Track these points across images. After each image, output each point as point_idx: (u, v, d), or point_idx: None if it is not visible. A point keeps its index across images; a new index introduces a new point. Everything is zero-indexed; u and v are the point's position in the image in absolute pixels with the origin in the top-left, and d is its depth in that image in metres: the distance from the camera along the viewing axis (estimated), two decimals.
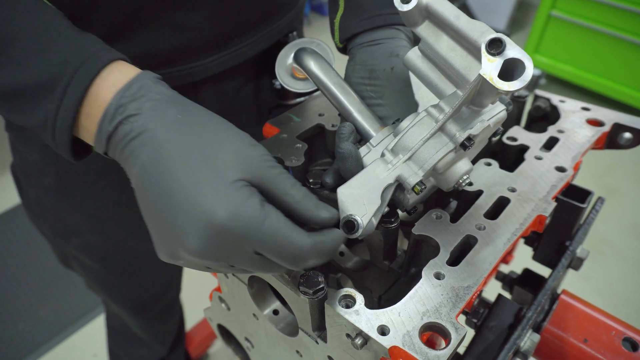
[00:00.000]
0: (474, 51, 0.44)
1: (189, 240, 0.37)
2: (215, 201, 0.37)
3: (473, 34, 0.43)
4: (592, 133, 0.64)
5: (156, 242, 0.42)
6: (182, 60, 0.69)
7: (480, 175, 0.57)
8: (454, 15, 0.45)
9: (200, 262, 0.40)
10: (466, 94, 0.43)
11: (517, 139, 0.63)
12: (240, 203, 0.37)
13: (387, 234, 0.52)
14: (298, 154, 0.61)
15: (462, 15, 0.45)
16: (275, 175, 0.41)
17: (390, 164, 0.47)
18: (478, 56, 0.44)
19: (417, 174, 0.46)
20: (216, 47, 0.69)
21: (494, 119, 0.47)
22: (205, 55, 0.71)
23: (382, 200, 0.47)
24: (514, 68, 0.41)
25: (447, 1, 0.47)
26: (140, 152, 0.39)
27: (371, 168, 0.48)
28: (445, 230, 0.49)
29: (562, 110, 0.69)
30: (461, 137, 0.45)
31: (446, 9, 0.46)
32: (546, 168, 0.57)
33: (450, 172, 0.48)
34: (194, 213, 0.37)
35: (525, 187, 0.54)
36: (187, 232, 0.37)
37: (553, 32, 2.67)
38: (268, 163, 0.41)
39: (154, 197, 0.39)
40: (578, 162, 0.58)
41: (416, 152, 0.47)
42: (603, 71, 2.60)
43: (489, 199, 0.53)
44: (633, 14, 2.34)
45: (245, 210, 0.37)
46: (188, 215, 0.37)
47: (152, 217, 0.40)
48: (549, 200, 0.52)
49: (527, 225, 0.49)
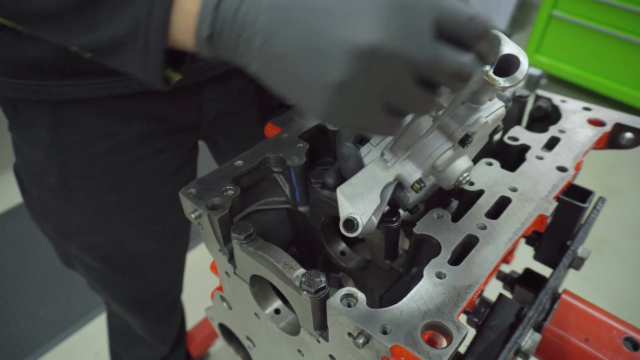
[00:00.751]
0: None
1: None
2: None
3: None
4: (594, 133, 0.64)
5: (304, 95, 0.37)
6: None
7: (481, 175, 0.57)
8: None
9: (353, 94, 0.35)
10: (463, 91, 0.43)
11: (519, 138, 0.63)
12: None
13: (389, 233, 0.52)
14: (299, 153, 0.61)
15: None
16: None
17: (389, 162, 0.48)
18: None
19: (416, 172, 0.46)
20: None
21: (493, 116, 0.47)
22: None
23: (382, 199, 0.47)
24: (510, 64, 0.41)
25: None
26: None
27: (370, 167, 0.48)
28: (447, 229, 0.49)
29: (564, 110, 0.69)
30: (459, 135, 0.45)
31: None
32: (547, 168, 0.57)
33: (450, 170, 0.48)
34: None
35: (527, 187, 0.54)
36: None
37: (554, 32, 2.67)
38: None
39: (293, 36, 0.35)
40: (579, 162, 0.59)
41: (415, 151, 0.47)
42: (604, 71, 2.59)
43: (490, 198, 0.53)
44: (634, 13, 2.33)
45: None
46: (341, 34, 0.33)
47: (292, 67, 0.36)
48: (550, 200, 0.52)
49: (528, 224, 0.49)
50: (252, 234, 0.51)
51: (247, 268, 0.53)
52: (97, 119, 0.70)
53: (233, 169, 0.59)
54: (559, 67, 2.73)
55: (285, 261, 0.47)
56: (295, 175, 0.61)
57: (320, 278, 0.44)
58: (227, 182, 0.57)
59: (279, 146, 0.63)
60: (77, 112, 0.69)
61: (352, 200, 0.46)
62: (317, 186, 0.58)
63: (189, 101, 0.77)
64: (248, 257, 0.50)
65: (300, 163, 0.59)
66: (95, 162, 0.75)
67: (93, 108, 0.69)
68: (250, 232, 0.51)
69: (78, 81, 0.65)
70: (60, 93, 0.65)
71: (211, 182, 0.57)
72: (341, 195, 0.47)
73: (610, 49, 2.51)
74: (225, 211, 0.53)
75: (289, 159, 0.60)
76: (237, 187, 0.56)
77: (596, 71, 2.63)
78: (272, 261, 0.47)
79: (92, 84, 0.66)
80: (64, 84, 0.65)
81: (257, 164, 0.60)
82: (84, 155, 0.73)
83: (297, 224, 0.67)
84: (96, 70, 0.64)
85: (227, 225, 0.54)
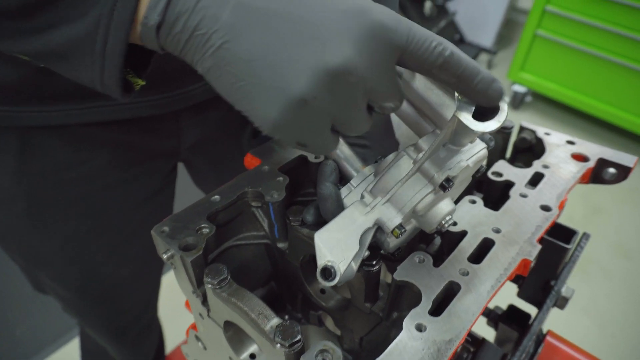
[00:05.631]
0: (449, 90, 0.44)
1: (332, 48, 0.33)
2: None
3: None
4: (577, 169, 0.63)
5: (262, 97, 0.35)
6: (164, 87, 0.67)
7: (464, 214, 0.55)
8: None
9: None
10: (442, 135, 0.42)
11: (502, 174, 0.62)
12: None
13: (369, 277, 0.50)
14: (279, 187, 0.59)
15: None
16: None
17: (369, 206, 0.46)
18: (453, 95, 0.43)
19: (396, 217, 0.45)
20: (199, 75, 0.67)
21: (474, 158, 0.46)
22: (188, 82, 0.70)
23: (361, 244, 0.45)
24: (489, 108, 0.40)
25: None
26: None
27: (349, 211, 0.46)
28: (428, 275, 0.47)
29: (547, 144, 0.68)
30: (439, 179, 0.44)
31: None
32: (531, 207, 0.56)
33: (432, 214, 0.47)
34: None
35: (510, 228, 0.53)
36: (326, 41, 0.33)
37: (538, 50, 2.70)
38: None
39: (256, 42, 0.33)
40: (563, 200, 0.58)
41: (395, 194, 0.45)
42: (587, 90, 2.63)
43: (473, 240, 0.52)
44: (616, 35, 2.38)
45: None
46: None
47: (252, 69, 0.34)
48: (533, 243, 0.51)
49: (511, 270, 0.48)
50: (225, 278, 0.49)
51: (220, 313, 0.51)
52: (68, 146, 0.68)
53: (209, 205, 0.57)
54: (543, 84, 2.77)
55: (260, 310, 0.45)
56: (273, 211, 0.59)
57: (296, 329, 0.42)
58: (202, 219, 0.55)
59: (258, 179, 0.61)
60: (46, 139, 0.66)
61: (329, 247, 0.44)
62: (295, 224, 0.56)
63: (167, 129, 0.75)
64: (221, 303, 0.48)
65: (279, 199, 0.57)
66: (66, 189, 0.72)
67: (63, 135, 0.66)
68: (224, 276, 0.48)
69: (47, 107, 0.62)
70: (28, 119, 0.63)
71: (186, 219, 0.55)
72: (319, 242, 0.45)
73: (593, 69, 2.55)
74: (199, 252, 0.50)
75: (267, 194, 0.58)
76: (213, 225, 0.54)
77: (579, 89, 2.66)
78: (245, 309, 0.45)
79: (61, 110, 0.63)
80: (32, 109, 0.62)
81: (235, 199, 0.58)
82: (54, 183, 0.70)
83: (276, 260, 0.65)
84: (67, 96, 0.62)
85: (201, 267, 0.51)
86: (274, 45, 0.33)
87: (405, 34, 0.34)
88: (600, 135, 2.72)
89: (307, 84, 0.32)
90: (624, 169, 0.64)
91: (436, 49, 0.35)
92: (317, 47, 0.32)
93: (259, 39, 0.33)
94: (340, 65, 0.32)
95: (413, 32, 0.35)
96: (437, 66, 0.35)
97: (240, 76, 0.35)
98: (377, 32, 0.33)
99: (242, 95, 0.36)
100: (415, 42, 0.35)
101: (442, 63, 0.35)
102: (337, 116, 0.36)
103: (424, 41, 0.35)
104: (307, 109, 0.34)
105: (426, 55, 0.35)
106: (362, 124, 0.38)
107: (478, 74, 0.36)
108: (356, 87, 0.34)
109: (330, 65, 0.32)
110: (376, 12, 0.34)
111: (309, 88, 0.33)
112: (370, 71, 0.34)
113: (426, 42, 0.35)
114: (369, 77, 0.34)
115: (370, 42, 0.33)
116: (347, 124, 0.37)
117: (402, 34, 0.34)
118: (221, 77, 0.36)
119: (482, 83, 0.37)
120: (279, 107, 0.34)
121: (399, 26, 0.34)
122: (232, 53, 0.34)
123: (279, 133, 0.36)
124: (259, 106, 0.35)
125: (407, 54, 0.35)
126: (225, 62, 0.35)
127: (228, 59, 0.34)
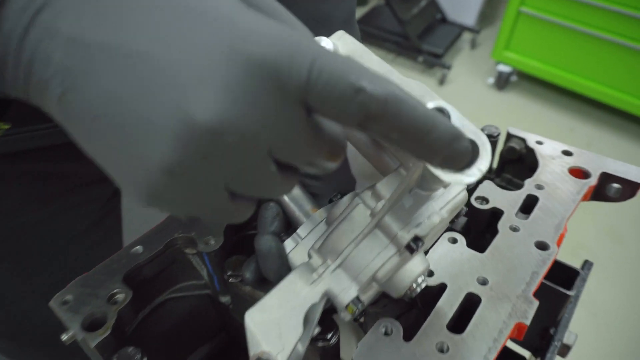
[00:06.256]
0: None
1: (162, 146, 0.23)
2: None
3: None
4: (577, 189, 0.52)
5: (123, 178, 0.27)
6: None
7: (442, 258, 0.45)
8: None
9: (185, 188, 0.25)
10: (406, 182, 0.31)
11: (489, 199, 0.52)
12: None
13: (324, 353, 0.40)
14: (217, 231, 0.48)
15: (393, 72, 0.33)
16: None
17: (315, 272, 0.35)
18: None
19: (350, 289, 0.34)
20: None
21: (450, 206, 0.35)
22: None
23: (307, 324, 0.35)
24: None
25: None
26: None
27: (290, 281, 0.36)
28: (397, 353, 0.37)
29: (540, 156, 0.58)
30: (405, 238, 0.33)
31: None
32: (524, 244, 0.46)
33: (398, 278, 0.36)
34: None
35: (500, 276, 0.43)
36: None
37: (523, 28, 2.59)
38: None
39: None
40: (562, 233, 0.47)
41: (348, 258, 0.35)
42: (575, 68, 2.54)
43: (454, 297, 0.41)
44: (603, 10, 2.27)
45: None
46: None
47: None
48: (529, 298, 0.41)
49: (502, 340, 0.38)
50: None
51: None
52: None
53: (129, 259, 0.46)
54: (528, 63, 2.66)
55: None
56: (210, 262, 0.48)
57: None
58: (116, 282, 0.44)
59: (193, 219, 0.49)
60: None
61: (264, 332, 0.34)
62: (234, 280, 0.45)
63: None
64: None
65: (215, 247, 0.46)
66: None
67: None
68: None
69: None
70: None
71: (96, 281, 0.44)
72: (250, 325, 0.34)
73: (580, 46, 2.45)
74: (107, 332, 0.39)
75: (201, 242, 0.47)
76: (129, 290, 0.43)
77: (566, 68, 2.57)
78: None
79: None
80: None
81: (162, 249, 0.47)
82: None
83: (221, 313, 0.54)
84: None
85: (111, 350, 0.40)
86: (120, 98, 0.23)
87: (306, 70, 0.23)
88: (591, 114, 2.63)
89: (168, 151, 0.23)
90: (631, 185, 0.54)
91: (360, 92, 0.23)
92: (177, 99, 0.22)
93: (102, 88, 0.23)
94: (208, 122, 0.22)
95: (319, 67, 0.23)
96: (363, 117, 0.24)
97: (92, 136, 0.24)
98: (257, 72, 0.23)
99: (102, 159, 0.25)
100: (322, 81, 0.23)
101: (368, 113, 0.24)
102: (229, 183, 0.26)
103: (337, 80, 0.23)
104: (181, 178, 0.24)
105: (342, 102, 0.23)
106: (274, 187, 0.28)
107: (433, 128, 0.24)
108: (241, 147, 0.24)
109: (197, 124, 0.22)
110: (259, 43, 0.23)
111: (172, 157, 0.23)
112: (258, 125, 0.24)
113: (340, 81, 0.23)
114: (259, 133, 0.24)
115: (248, 86, 0.23)
116: (249, 191, 0.27)
117: (300, 69, 0.23)
118: (77, 135, 0.26)
119: (439, 142, 0.25)
120: (142, 179, 0.24)
121: (294, 59, 0.23)
122: (75, 107, 0.24)
123: (160, 207, 0.27)
124: (119, 176, 0.26)
125: (312, 99, 0.24)
126: (71, 118, 0.25)
127: (73, 115, 0.24)
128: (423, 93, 0.30)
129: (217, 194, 0.26)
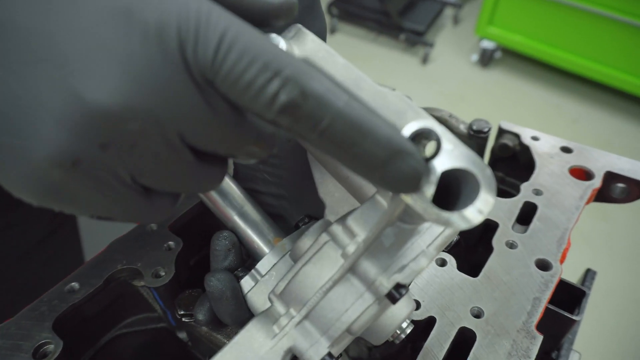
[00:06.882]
0: None
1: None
2: None
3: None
4: (580, 193, 0.46)
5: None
6: None
7: (429, 285, 0.39)
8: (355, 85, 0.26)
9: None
10: (385, 217, 0.25)
11: None
12: None
13: None
14: (168, 260, 0.41)
15: (365, 79, 0.26)
16: None
17: (276, 325, 0.29)
18: None
19: (319, 345, 0.28)
20: None
21: (440, 240, 0.29)
22: None
23: None
24: (458, 184, 0.23)
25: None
26: None
27: (247, 334, 0.29)
28: None
29: (537, 154, 0.51)
30: (384, 287, 0.27)
31: None
32: (523, 264, 0.40)
33: (379, 326, 0.30)
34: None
35: (496, 306, 0.37)
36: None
37: (507, 2, 2.52)
38: None
39: None
40: (566, 248, 0.41)
41: (317, 308, 0.28)
42: (561, 43, 2.48)
43: (444, 334, 0.35)
44: None
45: None
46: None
47: None
48: (532, 332, 0.35)
49: None
50: None
51: None
52: None
53: (61, 300, 0.39)
54: (513, 39, 2.59)
55: None
56: (160, 297, 0.41)
57: None
58: (44, 329, 0.36)
59: (139, 248, 0.42)
60: None
61: None
62: (187, 320, 0.39)
63: None
64: None
65: (164, 281, 0.40)
66: None
67: None
68: None
69: None
70: None
71: (20, 329, 0.37)
72: None
73: (566, 20, 2.39)
74: None
75: (148, 274, 0.40)
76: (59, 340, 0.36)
77: (552, 43, 2.50)
78: None
79: None
80: None
81: (102, 286, 0.40)
82: None
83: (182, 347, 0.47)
84: None
85: None
86: (1, 79, 0.19)
87: (214, 45, 0.19)
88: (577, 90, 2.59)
89: (56, 140, 0.20)
90: (639, 185, 0.48)
91: (274, 78, 0.18)
92: (67, 80, 0.19)
93: None
94: (103, 103, 0.19)
95: (229, 43, 0.19)
96: (276, 110, 0.19)
97: None
98: (158, 42, 0.19)
99: None
100: (231, 60, 0.19)
101: (283, 107, 0.19)
102: (138, 176, 0.22)
103: (249, 60, 0.19)
104: (76, 173, 0.21)
105: (252, 88, 0.19)
106: (193, 180, 0.24)
107: (365, 135, 0.19)
108: (145, 133, 0.20)
109: (89, 106, 0.19)
110: (161, 8, 0.19)
111: (61, 147, 0.20)
112: (162, 106, 0.20)
113: (253, 62, 0.19)
114: (163, 116, 0.20)
115: (148, 59, 0.19)
116: (163, 185, 0.23)
117: (207, 43, 0.19)
118: None
119: (372, 156, 0.19)
120: (29, 174, 0.21)
121: (199, 31, 0.19)
122: None
123: (56, 207, 0.23)
124: (2, 173, 0.22)
125: (219, 80, 0.19)
126: None
127: None
128: (404, 108, 0.23)
129: (124, 189, 0.22)
